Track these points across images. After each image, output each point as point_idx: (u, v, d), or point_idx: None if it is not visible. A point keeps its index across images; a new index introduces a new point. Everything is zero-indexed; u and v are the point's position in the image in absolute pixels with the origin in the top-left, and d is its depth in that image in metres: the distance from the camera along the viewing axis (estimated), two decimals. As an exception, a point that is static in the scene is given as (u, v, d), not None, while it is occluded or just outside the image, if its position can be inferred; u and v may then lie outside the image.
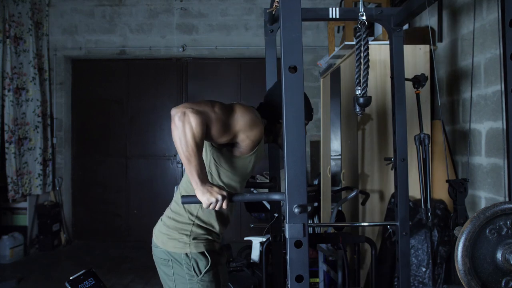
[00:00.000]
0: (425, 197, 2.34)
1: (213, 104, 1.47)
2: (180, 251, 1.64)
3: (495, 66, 2.46)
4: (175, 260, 1.65)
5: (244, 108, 1.53)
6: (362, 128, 3.08)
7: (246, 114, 1.51)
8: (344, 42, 3.27)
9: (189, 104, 1.41)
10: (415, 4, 1.73)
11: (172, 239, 1.66)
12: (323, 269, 3.11)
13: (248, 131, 1.52)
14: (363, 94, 1.51)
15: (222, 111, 1.47)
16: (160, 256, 1.70)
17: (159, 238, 1.70)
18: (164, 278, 1.72)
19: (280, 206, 2.29)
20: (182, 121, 1.37)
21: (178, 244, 1.65)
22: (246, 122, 1.51)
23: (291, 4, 1.04)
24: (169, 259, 1.66)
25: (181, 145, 1.39)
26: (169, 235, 1.67)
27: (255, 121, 1.54)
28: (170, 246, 1.66)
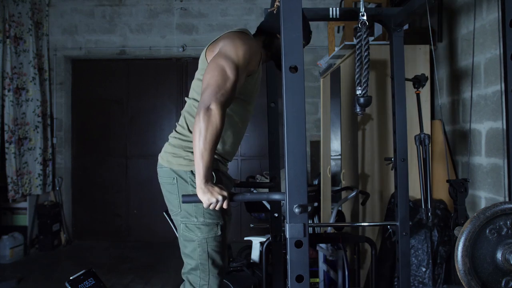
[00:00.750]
0: (425, 197, 2.34)
1: (223, 71, 1.54)
2: (186, 169, 1.68)
3: (495, 66, 2.46)
4: (180, 177, 1.68)
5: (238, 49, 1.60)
6: (362, 128, 3.08)
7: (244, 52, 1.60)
8: (344, 42, 3.27)
9: (213, 95, 1.48)
10: (415, 4, 1.73)
11: (178, 157, 1.69)
12: (323, 269, 3.11)
13: (251, 61, 1.64)
14: (364, 94, 1.51)
15: (232, 71, 1.55)
16: (165, 175, 1.72)
17: (165, 157, 1.74)
18: (169, 198, 1.74)
19: (280, 206, 2.29)
20: (208, 117, 1.44)
21: (183, 162, 1.68)
22: (248, 58, 1.61)
23: (291, 4, 1.04)
24: (174, 177, 1.69)
25: (199, 140, 1.45)
26: (174, 154, 1.71)
27: (250, 49, 1.62)
28: (175, 164, 1.69)
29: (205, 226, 1.67)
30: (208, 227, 1.67)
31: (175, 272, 3.81)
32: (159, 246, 4.99)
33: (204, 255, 1.68)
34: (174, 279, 3.73)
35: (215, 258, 1.70)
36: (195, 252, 1.69)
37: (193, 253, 1.70)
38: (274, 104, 2.27)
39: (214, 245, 1.69)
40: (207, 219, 1.67)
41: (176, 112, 5.52)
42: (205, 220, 1.66)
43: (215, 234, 1.68)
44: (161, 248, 4.89)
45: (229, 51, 1.58)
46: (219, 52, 1.60)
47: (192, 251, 1.70)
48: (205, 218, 1.66)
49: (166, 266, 4.25)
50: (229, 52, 1.58)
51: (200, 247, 1.68)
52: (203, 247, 1.68)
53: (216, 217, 1.68)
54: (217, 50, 1.63)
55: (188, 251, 1.72)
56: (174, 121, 5.52)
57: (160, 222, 4.21)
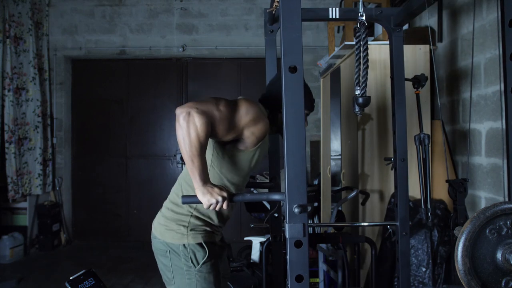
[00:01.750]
0: (425, 197, 2.34)
1: (217, 102, 1.47)
2: (178, 242, 1.65)
3: (495, 66, 2.46)
4: (173, 251, 1.66)
5: (248, 104, 1.52)
6: (362, 128, 3.08)
7: (251, 110, 1.51)
8: (344, 42, 3.27)
9: (194, 104, 1.41)
10: (415, 4, 1.73)
11: (170, 230, 1.67)
12: (323, 269, 3.11)
13: (253, 127, 1.53)
14: (362, 94, 1.51)
15: (227, 109, 1.47)
16: (158, 247, 1.71)
17: (158, 229, 1.71)
18: (163, 269, 1.73)
19: (280, 206, 2.29)
20: (187, 121, 1.38)
21: (175, 235, 1.66)
22: (251, 118, 1.51)
23: (291, 4, 1.04)
24: (167, 250, 1.67)
25: (185, 145, 1.40)
26: (167, 226, 1.68)
27: (260, 116, 1.54)
28: (168, 237, 1.67)
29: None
30: None
31: (175, 272, 3.80)
32: (159, 246, 4.98)
33: None
34: (174, 279, 3.73)
35: None
36: None
37: None
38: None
39: None
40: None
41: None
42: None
43: None
44: (161, 248, 4.88)
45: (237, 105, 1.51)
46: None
47: None
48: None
49: (166, 266, 4.25)
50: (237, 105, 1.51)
51: None
52: None
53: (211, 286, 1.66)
54: None
55: None
56: (174, 121, 5.50)
57: (160, 222, 4.20)
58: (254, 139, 1.56)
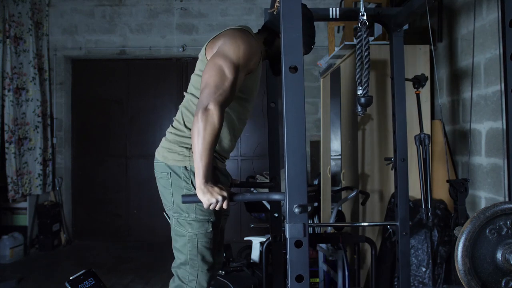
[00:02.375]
0: (425, 197, 2.34)
1: (222, 71, 1.53)
2: (180, 164, 1.68)
3: (495, 66, 2.46)
4: (174, 173, 1.69)
5: (237, 47, 1.58)
6: (362, 128, 3.08)
7: (244, 51, 1.58)
8: (344, 42, 3.27)
9: (211, 95, 1.48)
10: (415, 4, 1.73)
11: (173, 152, 1.71)
12: (323, 269, 3.11)
13: (251, 59, 1.63)
14: (365, 93, 1.51)
15: (231, 71, 1.54)
16: (160, 170, 1.74)
17: (161, 152, 1.76)
18: (163, 192, 1.75)
19: (280, 206, 2.29)
20: (206, 117, 1.45)
21: (178, 157, 1.69)
22: (248, 57, 1.60)
23: (291, 4, 1.04)
24: (168, 172, 1.70)
25: (198, 140, 1.45)
26: (170, 149, 1.72)
27: (250, 48, 1.61)
28: (170, 159, 1.71)
29: (196, 222, 1.67)
30: (199, 223, 1.67)
31: (175, 272, 3.80)
32: (159, 246, 4.99)
33: (194, 251, 1.69)
34: (174, 279, 3.73)
35: (205, 254, 1.70)
36: (185, 247, 1.70)
37: (183, 248, 1.70)
38: (274, 104, 2.27)
39: (204, 241, 1.69)
40: (199, 215, 1.67)
41: (176, 112, 5.51)
42: (196, 216, 1.67)
43: (206, 231, 1.68)
44: (161, 248, 4.89)
45: (228, 50, 1.57)
46: (218, 51, 1.60)
47: (183, 246, 1.70)
48: (196, 214, 1.67)
49: (166, 266, 4.24)
50: (228, 51, 1.57)
51: (190, 242, 1.68)
52: (193, 243, 1.68)
53: (207, 214, 1.68)
54: (216, 48, 1.62)
55: (179, 245, 1.72)
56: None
57: (160, 222, 4.21)
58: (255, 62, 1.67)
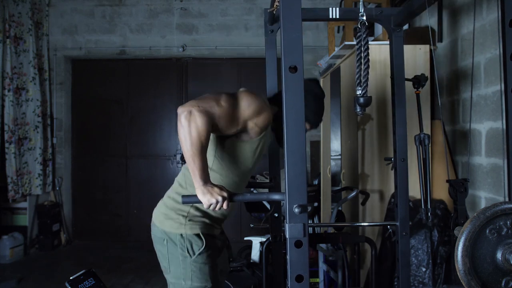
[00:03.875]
0: (425, 197, 2.34)
1: (218, 98, 1.48)
2: (176, 231, 1.66)
3: (495, 66, 2.46)
4: (170, 239, 1.67)
5: (250, 96, 1.53)
6: (362, 128, 3.08)
7: (253, 102, 1.53)
8: (344, 42, 3.27)
9: (195, 102, 1.43)
10: (415, 4, 1.73)
11: (169, 219, 1.68)
12: (323, 269, 3.11)
13: (256, 118, 1.55)
14: (364, 94, 1.51)
15: (228, 103, 1.48)
16: (157, 235, 1.72)
17: (158, 217, 1.73)
18: (160, 257, 1.74)
19: (280, 206, 2.29)
20: (188, 121, 1.40)
21: (174, 224, 1.67)
22: (254, 110, 1.53)
23: (291, 4, 1.04)
24: (164, 238, 1.68)
25: (186, 144, 1.41)
26: (166, 215, 1.70)
27: (262, 107, 1.55)
28: (166, 226, 1.68)
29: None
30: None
31: (175, 272, 3.80)
32: (159, 246, 4.98)
33: None
34: (174, 279, 3.73)
35: None
36: None
37: None
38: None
39: None
40: (195, 282, 1.64)
41: (176, 112, 5.50)
42: (193, 283, 1.64)
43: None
44: (161, 248, 4.88)
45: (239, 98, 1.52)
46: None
47: None
48: (192, 282, 1.64)
49: (166, 266, 4.25)
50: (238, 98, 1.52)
51: None
52: None
53: (204, 280, 1.66)
54: None
55: None
56: (174, 121, 5.52)
57: (160, 222, 4.20)
58: (257, 130, 1.58)
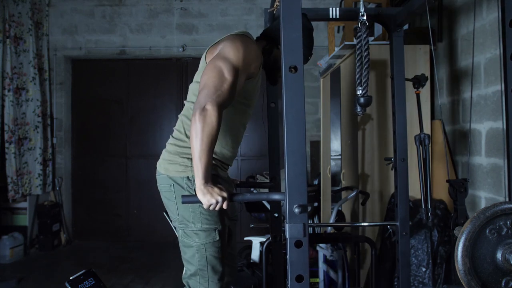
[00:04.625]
0: (425, 197, 2.34)
1: (220, 72, 1.52)
2: (182, 175, 1.68)
3: (495, 66, 2.46)
4: (176, 184, 1.68)
5: (237, 51, 1.59)
6: (362, 128, 3.08)
7: (244, 55, 1.59)
8: (344, 42, 3.27)
9: (208, 96, 1.46)
10: (415, 4, 1.73)
11: (174, 164, 1.69)
12: (323, 269, 3.11)
13: (251, 64, 1.64)
14: (364, 93, 1.51)
15: (230, 73, 1.53)
16: (162, 182, 1.73)
17: (162, 165, 1.74)
18: (167, 204, 1.75)
19: (280, 206, 2.29)
20: (203, 117, 1.43)
21: (179, 168, 1.68)
22: (248, 61, 1.61)
23: (291, 4, 1.04)
24: (171, 184, 1.69)
25: (196, 141, 1.43)
26: (171, 160, 1.71)
27: (250, 52, 1.63)
28: (172, 171, 1.69)
29: (203, 231, 1.66)
30: (205, 233, 1.66)
31: (175, 272, 3.81)
32: (159, 246, 4.99)
33: (202, 261, 1.68)
34: (174, 279, 3.73)
35: (214, 264, 1.69)
36: (194, 258, 1.69)
37: (192, 259, 1.70)
38: (274, 104, 2.27)
39: (212, 250, 1.68)
40: (204, 224, 1.66)
41: (176, 112, 5.52)
42: (202, 225, 1.66)
43: (213, 240, 1.67)
44: (161, 248, 4.89)
45: (228, 53, 1.57)
46: (218, 54, 1.60)
47: (191, 256, 1.70)
48: (202, 224, 1.66)
49: (166, 266, 4.25)
50: (228, 54, 1.57)
51: (199, 253, 1.67)
52: (202, 253, 1.67)
53: (213, 222, 1.67)
54: (216, 52, 1.62)
55: (188, 256, 1.71)
56: (174, 121, 5.50)
57: (160, 222, 4.20)
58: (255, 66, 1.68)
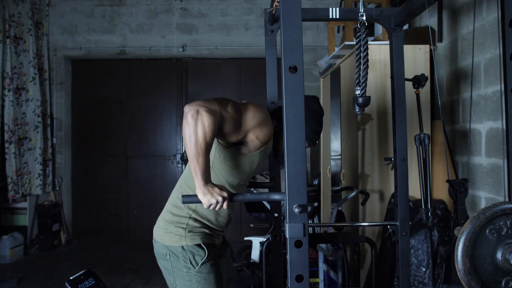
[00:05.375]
0: (425, 197, 2.34)
1: (226, 103, 1.48)
2: (177, 244, 1.66)
3: (495, 66, 2.46)
4: (172, 253, 1.67)
5: (255, 108, 1.53)
6: (362, 128, 3.08)
7: (258, 115, 1.53)
8: (344, 42, 3.27)
9: (203, 103, 1.42)
10: (415, 4, 1.72)
11: (169, 233, 1.68)
12: (323, 269, 3.11)
13: (258, 130, 1.54)
14: (362, 94, 1.50)
15: (235, 110, 1.48)
16: (159, 250, 1.72)
17: (158, 232, 1.73)
18: (165, 273, 1.74)
19: (280, 206, 2.29)
20: (195, 119, 1.38)
21: (174, 237, 1.67)
22: (257, 122, 1.53)
23: (291, 4, 1.04)
24: (167, 253, 1.68)
25: (191, 143, 1.40)
26: (166, 229, 1.70)
27: (265, 121, 1.55)
28: (167, 240, 1.68)
29: None
30: None
31: (175, 272, 3.80)
32: (159, 246, 4.98)
33: None
34: (174, 279, 3.73)
35: None
36: None
37: None
38: (274, 104, 2.27)
39: None
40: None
41: (176, 112, 5.52)
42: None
43: None
44: (161, 248, 4.88)
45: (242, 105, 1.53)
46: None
47: None
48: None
49: (166, 266, 4.25)
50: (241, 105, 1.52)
51: None
52: None
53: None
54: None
55: None
56: (174, 121, 5.53)
57: (160, 222, 4.21)
58: (257, 143, 1.57)
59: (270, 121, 1.58)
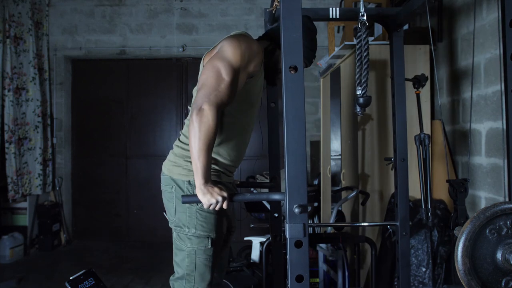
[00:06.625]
0: (425, 197, 2.34)
1: (218, 73, 1.51)
2: (184, 178, 1.69)
3: (495, 66, 2.46)
4: (178, 186, 1.69)
5: (236, 50, 1.56)
6: (362, 128, 3.08)
7: (242, 54, 1.57)
8: (344, 42, 3.27)
9: (205, 96, 1.47)
10: (415, 4, 1.73)
11: (177, 166, 1.71)
12: (323, 269, 3.11)
13: (252, 62, 1.61)
14: (363, 94, 1.51)
15: (228, 73, 1.52)
16: (165, 183, 1.74)
17: (166, 165, 1.77)
18: (166, 205, 1.76)
19: (280, 206, 2.29)
20: (200, 117, 1.43)
21: (182, 171, 1.69)
22: (247, 59, 1.58)
23: (291, 4, 1.04)
24: (172, 186, 1.70)
25: (194, 141, 1.44)
26: (175, 162, 1.73)
27: (250, 50, 1.60)
28: (175, 173, 1.71)
29: (196, 237, 1.66)
30: (198, 239, 1.66)
31: (175, 272, 3.80)
32: (159, 246, 4.99)
33: (191, 266, 1.67)
34: (174, 279, 3.73)
35: (202, 271, 1.68)
36: (183, 262, 1.69)
37: (181, 262, 1.70)
38: (274, 104, 2.27)
39: (203, 257, 1.68)
40: (199, 230, 1.66)
41: (176, 112, 5.52)
42: (197, 231, 1.66)
43: (205, 247, 1.67)
44: (161, 248, 4.88)
45: (226, 52, 1.56)
46: (216, 54, 1.59)
47: (181, 260, 1.70)
48: (196, 230, 1.66)
49: (166, 266, 4.25)
50: (226, 53, 1.56)
51: (189, 257, 1.67)
52: (191, 258, 1.67)
53: (208, 230, 1.67)
54: (215, 52, 1.61)
55: (178, 259, 1.72)
56: (174, 121, 5.53)
57: (160, 222, 4.20)
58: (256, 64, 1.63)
59: (253, 44, 1.63)
